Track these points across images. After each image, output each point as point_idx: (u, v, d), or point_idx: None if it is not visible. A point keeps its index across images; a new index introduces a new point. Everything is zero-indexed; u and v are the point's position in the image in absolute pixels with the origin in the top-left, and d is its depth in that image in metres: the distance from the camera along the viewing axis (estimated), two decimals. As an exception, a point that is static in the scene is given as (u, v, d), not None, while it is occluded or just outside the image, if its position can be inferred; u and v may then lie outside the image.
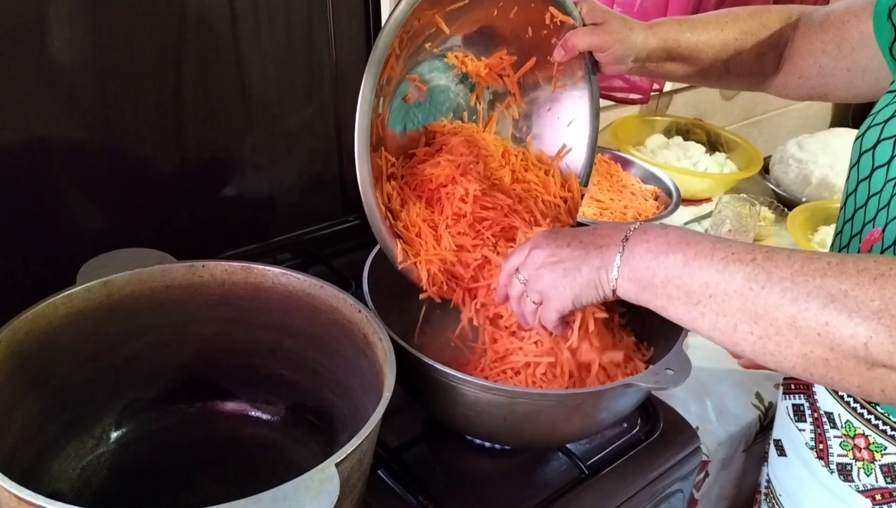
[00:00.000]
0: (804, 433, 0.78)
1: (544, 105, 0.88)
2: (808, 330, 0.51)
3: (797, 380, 0.80)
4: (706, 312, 0.56)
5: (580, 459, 0.80)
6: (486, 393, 0.68)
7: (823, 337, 0.50)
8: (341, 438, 0.70)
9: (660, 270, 0.59)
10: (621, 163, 1.44)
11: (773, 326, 0.52)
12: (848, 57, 0.81)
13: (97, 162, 0.85)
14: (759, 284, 0.53)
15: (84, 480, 0.67)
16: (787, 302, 0.51)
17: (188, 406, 0.74)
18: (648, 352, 0.86)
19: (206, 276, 0.71)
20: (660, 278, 0.59)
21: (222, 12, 0.90)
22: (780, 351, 0.53)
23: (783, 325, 0.52)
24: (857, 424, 0.71)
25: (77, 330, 0.66)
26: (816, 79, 0.85)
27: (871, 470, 0.71)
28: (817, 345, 0.51)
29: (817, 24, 0.84)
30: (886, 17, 0.75)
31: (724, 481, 1.01)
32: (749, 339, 0.54)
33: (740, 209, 1.25)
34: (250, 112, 0.97)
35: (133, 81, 0.85)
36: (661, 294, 0.59)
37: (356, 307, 0.68)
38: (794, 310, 0.51)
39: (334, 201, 1.11)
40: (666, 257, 0.58)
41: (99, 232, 0.88)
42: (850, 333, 0.49)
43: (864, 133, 0.70)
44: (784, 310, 0.52)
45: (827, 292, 0.50)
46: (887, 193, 0.65)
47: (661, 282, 0.58)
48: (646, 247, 0.60)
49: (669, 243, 0.59)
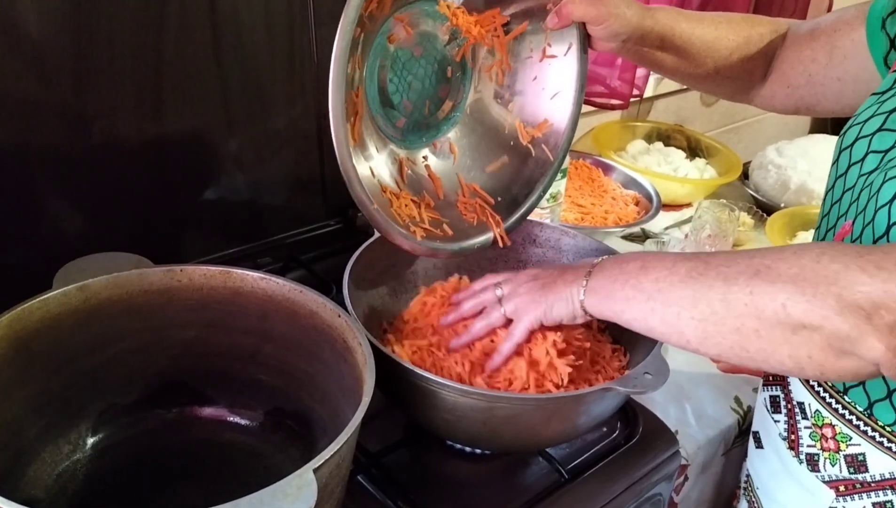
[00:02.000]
0: (779, 423, 0.80)
1: (530, 73, 0.86)
2: (736, 302, 0.57)
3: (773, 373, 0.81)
4: (656, 307, 0.62)
5: (560, 463, 0.80)
6: (466, 397, 0.68)
7: (750, 306, 0.56)
8: (321, 443, 0.70)
9: (621, 275, 0.66)
10: (602, 168, 1.45)
11: (709, 306, 0.58)
12: (839, 66, 0.81)
13: (74, 164, 0.85)
14: (699, 271, 0.60)
15: (60, 486, 0.66)
16: (720, 282, 0.58)
17: (166, 412, 0.73)
18: (626, 357, 0.86)
19: (184, 280, 0.71)
20: (620, 282, 0.66)
21: (203, 15, 0.89)
22: (718, 331, 0.58)
23: (716, 303, 0.58)
24: (826, 414, 0.73)
25: (53, 335, 0.65)
26: (805, 88, 0.86)
27: (836, 460, 0.72)
28: (746, 316, 0.56)
29: (807, 34, 0.85)
30: (880, 28, 0.76)
31: (703, 484, 1.01)
32: (691, 325, 0.60)
33: (720, 214, 1.26)
34: (230, 115, 0.97)
35: (111, 83, 0.84)
36: (621, 297, 0.65)
37: (336, 312, 0.68)
38: (725, 288, 0.58)
39: (316, 205, 1.10)
40: (627, 264, 0.66)
41: (75, 236, 0.87)
42: (771, 297, 0.55)
43: (846, 132, 0.72)
44: (717, 290, 0.58)
45: (754, 268, 0.57)
46: (858, 187, 0.68)
47: (620, 286, 0.66)
48: (612, 260, 0.69)
49: (633, 256, 0.68)
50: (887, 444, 0.68)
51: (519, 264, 0.96)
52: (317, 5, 0.98)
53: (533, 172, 0.88)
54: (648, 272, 0.63)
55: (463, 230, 0.84)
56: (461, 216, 0.86)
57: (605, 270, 0.68)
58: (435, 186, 0.87)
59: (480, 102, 0.89)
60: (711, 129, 1.91)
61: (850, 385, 0.70)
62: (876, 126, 0.68)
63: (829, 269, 0.53)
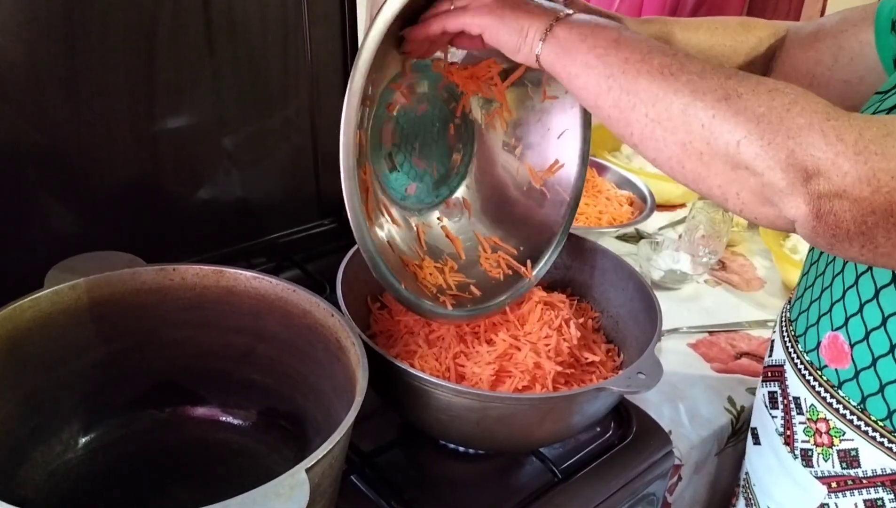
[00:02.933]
0: (776, 419, 0.80)
1: (534, 117, 0.85)
2: (695, 120, 0.55)
3: (773, 368, 0.82)
4: (613, 86, 0.59)
5: (553, 463, 0.80)
6: (459, 397, 0.68)
7: (706, 129, 0.55)
8: (314, 443, 0.69)
9: (590, 38, 0.62)
10: (597, 168, 1.45)
11: (667, 111, 0.57)
12: (846, 67, 0.80)
13: (66, 162, 0.84)
14: (671, 70, 0.57)
15: (51, 486, 0.65)
16: (688, 91, 0.56)
17: (158, 412, 0.73)
18: (620, 357, 0.87)
19: (177, 279, 0.71)
20: (588, 44, 0.62)
21: (197, 13, 0.89)
22: (664, 137, 0.57)
23: (676, 110, 0.56)
24: (820, 408, 0.73)
25: (45, 334, 0.65)
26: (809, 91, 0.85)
27: (829, 456, 0.73)
28: (697, 137, 0.55)
29: (810, 36, 0.84)
30: (890, 30, 0.75)
31: (696, 484, 1.01)
32: (642, 122, 0.58)
33: (714, 215, 1.27)
34: (224, 114, 0.96)
35: (104, 81, 0.84)
36: (580, 61, 0.62)
37: (329, 311, 0.68)
38: (690, 99, 0.56)
39: (309, 205, 1.10)
40: (602, 30, 0.62)
41: (67, 234, 0.87)
42: (729, 129, 0.54)
43: None
44: (682, 98, 0.56)
45: (724, 91, 0.55)
46: None
47: (586, 49, 0.61)
48: (585, 19, 0.64)
49: (608, 24, 0.63)
50: (880, 439, 0.68)
51: (513, 263, 0.96)
52: (311, 4, 0.98)
53: (549, 214, 0.86)
54: (620, 49, 0.60)
55: (491, 288, 0.83)
56: (487, 274, 0.85)
57: (576, 26, 0.64)
58: (455, 247, 0.85)
59: (489, 153, 0.87)
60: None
61: (845, 379, 0.70)
62: None
63: (795, 122, 0.53)
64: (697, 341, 1.12)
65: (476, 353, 0.79)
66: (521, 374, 0.77)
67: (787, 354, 0.79)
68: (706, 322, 1.14)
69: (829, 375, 0.72)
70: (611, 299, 0.91)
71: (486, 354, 0.79)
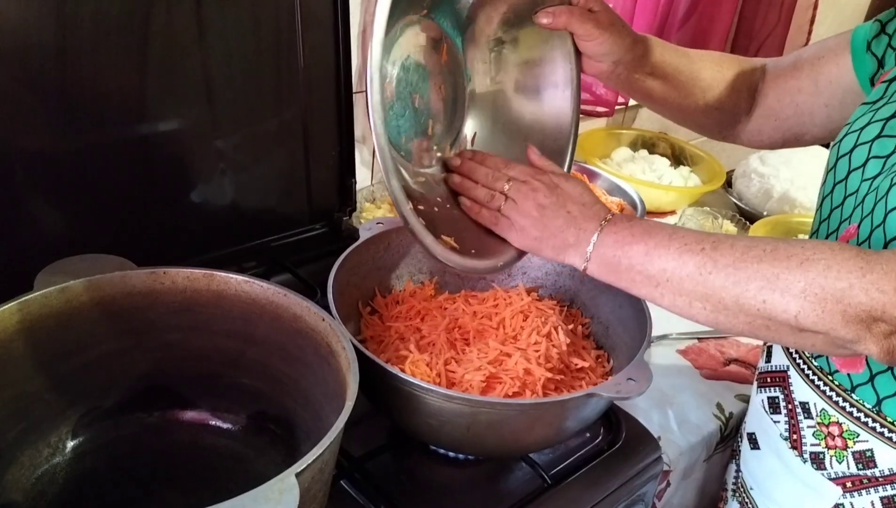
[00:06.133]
0: (779, 424, 0.81)
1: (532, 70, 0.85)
2: (749, 307, 0.62)
3: (773, 373, 0.83)
4: (665, 293, 0.67)
5: (543, 469, 0.80)
6: (449, 402, 0.68)
7: (762, 312, 0.61)
8: (304, 447, 0.69)
9: (624, 259, 0.69)
10: (588, 175, 1.45)
11: (721, 303, 0.63)
12: (825, 91, 0.85)
13: (56, 165, 0.84)
14: (707, 270, 0.64)
15: (39, 490, 0.65)
16: (731, 285, 0.62)
17: (147, 415, 0.73)
18: (610, 363, 0.87)
19: (167, 283, 0.70)
20: (624, 265, 0.69)
21: (189, 16, 0.89)
22: (729, 321, 0.64)
23: (729, 303, 0.63)
24: (832, 412, 0.75)
25: (34, 337, 0.64)
26: (794, 119, 0.88)
27: (843, 458, 0.74)
28: (758, 317, 0.62)
29: (789, 66, 0.88)
30: (866, 50, 0.80)
31: (685, 490, 1.02)
32: (702, 314, 0.65)
33: (703, 222, 1.27)
34: (216, 117, 0.96)
35: (96, 84, 0.84)
36: (626, 278, 0.69)
37: (320, 316, 0.68)
38: (738, 291, 0.62)
39: (301, 209, 1.10)
40: (630, 248, 0.68)
41: (57, 237, 0.86)
42: (783, 309, 0.60)
43: (842, 140, 0.75)
44: (729, 291, 0.63)
45: (763, 276, 0.61)
46: (862, 192, 0.70)
47: (625, 268, 0.69)
48: (614, 238, 0.70)
49: (633, 235, 0.69)
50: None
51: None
52: (303, 8, 0.98)
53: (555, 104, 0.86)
54: (654, 261, 0.66)
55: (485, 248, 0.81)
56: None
57: (606, 246, 0.70)
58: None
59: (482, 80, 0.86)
60: (696, 137, 1.91)
61: (858, 383, 0.72)
62: (875, 133, 0.71)
63: (836, 287, 0.58)
64: (687, 347, 1.12)
65: (467, 359, 0.79)
66: (511, 380, 0.77)
67: (790, 359, 0.80)
68: (695, 329, 1.15)
69: (841, 379, 0.73)
70: (601, 306, 0.92)
71: (477, 360, 0.79)
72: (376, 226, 0.89)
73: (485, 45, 0.85)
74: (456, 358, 0.80)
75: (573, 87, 0.84)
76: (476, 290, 0.95)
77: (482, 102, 0.87)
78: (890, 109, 0.71)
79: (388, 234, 0.89)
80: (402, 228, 0.90)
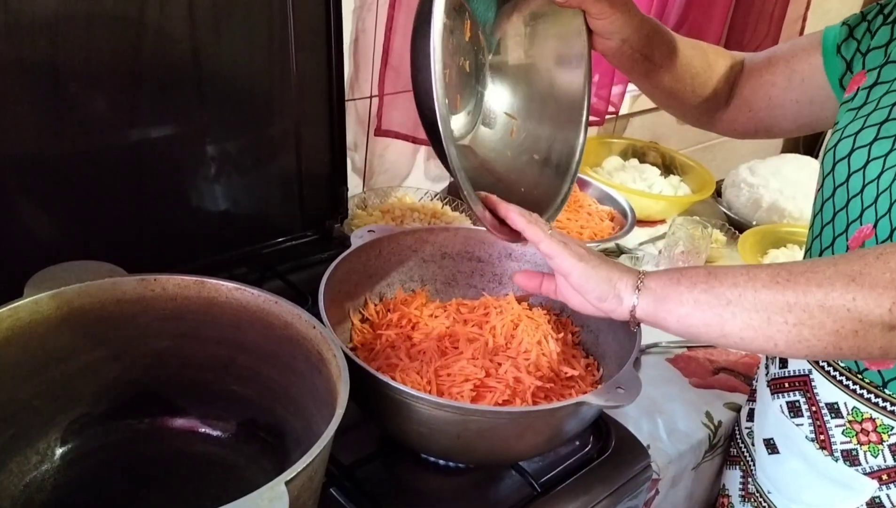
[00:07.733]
0: (802, 427, 0.83)
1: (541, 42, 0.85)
2: (838, 308, 0.59)
3: (790, 378, 0.84)
4: (737, 311, 0.61)
5: (533, 477, 0.80)
6: (439, 410, 0.69)
7: (853, 311, 0.58)
8: (294, 455, 0.69)
9: (684, 279, 0.65)
10: (578, 184, 1.46)
11: (806, 311, 0.59)
12: (797, 88, 0.87)
13: (48, 171, 0.84)
14: (784, 277, 0.60)
15: (27, 497, 0.65)
16: (814, 287, 0.59)
17: (137, 422, 0.72)
18: (599, 372, 0.87)
19: (157, 290, 0.70)
20: (685, 284, 0.64)
21: (182, 25, 0.89)
22: (815, 334, 0.60)
23: (815, 308, 0.59)
24: (865, 409, 0.76)
25: (23, 343, 0.64)
26: (765, 111, 0.91)
27: (878, 452, 0.76)
28: (847, 320, 0.59)
29: (764, 61, 0.91)
30: (836, 53, 0.83)
31: (673, 498, 1.02)
32: (784, 329, 0.60)
33: (693, 231, 1.28)
34: (208, 125, 0.96)
35: (88, 91, 0.84)
36: (688, 301, 0.64)
37: (311, 323, 0.68)
38: (822, 293, 0.59)
39: (292, 216, 1.10)
40: (687, 271, 0.65)
41: (48, 243, 0.86)
42: (875, 302, 0.58)
43: (836, 145, 0.77)
44: (813, 295, 0.59)
45: (845, 275, 0.59)
46: (870, 193, 0.72)
47: (687, 289, 0.64)
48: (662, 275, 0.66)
49: (681, 271, 0.66)
50: None
51: (494, 277, 0.97)
52: (296, 17, 0.98)
53: (567, 79, 0.85)
54: (721, 279, 0.63)
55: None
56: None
57: (662, 274, 0.66)
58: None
59: (533, 68, 0.85)
60: (686, 146, 1.93)
61: (890, 378, 0.73)
62: (871, 137, 0.73)
63: None
64: (676, 356, 1.13)
65: (457, 367, 0.80)
66: (501, 388, 0.77)
67: (812, 363, 0.81)
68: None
69: (872, 376, 0.75)
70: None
71: (467, 368, 0.79)
72: (368, 234, 0.89)
73: (506, 21, 0.85)
74: (446, 366, 0.80)
75: (585, 63, 0.85)
76: (467, 298, 0.95)
77: (500, 76, 0.86)
78: (881, 115, 0.73)
79: (379, 242, 0.90)
80: (394, 235, 0.91)
